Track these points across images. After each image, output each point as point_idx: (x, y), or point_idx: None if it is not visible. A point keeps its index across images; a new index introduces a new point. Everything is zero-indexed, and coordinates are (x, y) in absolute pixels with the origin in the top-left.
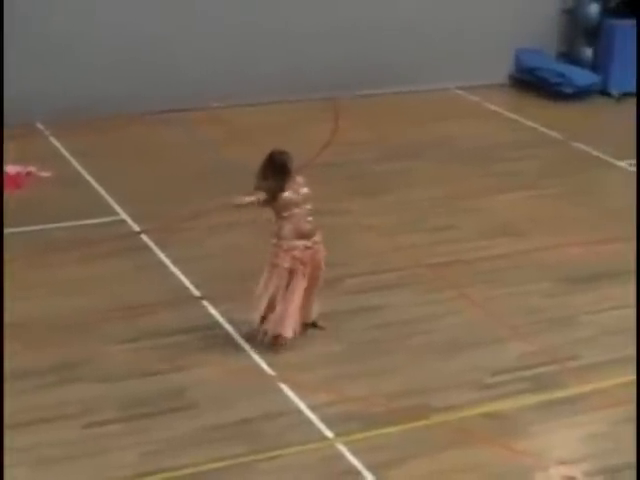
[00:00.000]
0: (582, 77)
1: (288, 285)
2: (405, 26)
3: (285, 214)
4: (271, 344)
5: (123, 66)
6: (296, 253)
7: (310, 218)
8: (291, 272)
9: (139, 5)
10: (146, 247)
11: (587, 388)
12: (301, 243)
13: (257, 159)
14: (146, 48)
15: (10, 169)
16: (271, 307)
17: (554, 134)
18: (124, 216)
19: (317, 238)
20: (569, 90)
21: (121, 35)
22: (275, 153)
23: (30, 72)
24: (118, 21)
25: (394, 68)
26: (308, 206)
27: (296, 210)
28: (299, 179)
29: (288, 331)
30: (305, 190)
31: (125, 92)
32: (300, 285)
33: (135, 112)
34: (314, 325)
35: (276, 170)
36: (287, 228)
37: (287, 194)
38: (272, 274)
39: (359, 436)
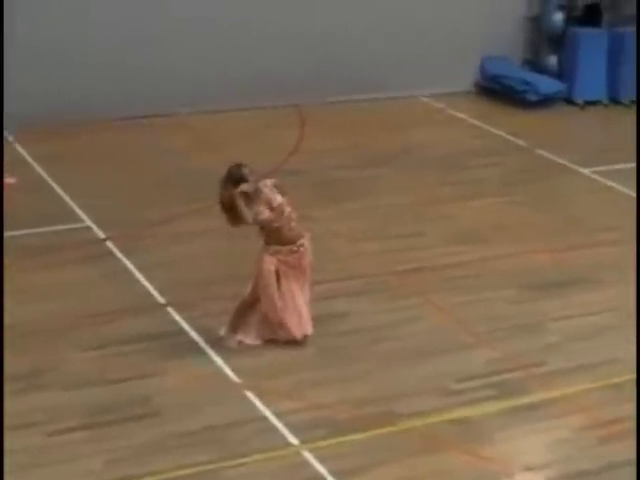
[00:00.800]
0: (547, 85)
1: (280, 288)
2: (371, 34)
3: (269, 231)
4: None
5: (89, 73)
6: (281, 257)
7: (293, 223)
8: (279, 276)
9: (107, 14)
10: (111, 254)
11: (552, 395)
12: (286, 248)
13: (224, 165)
14: (113, 56)
15: None
16: (245, 312)
17: (519, 141)
18: (89, 223)
19: (304, 241)
20: (534, 98)
21: (86, 42)
22: (232, 167)
23: None
24: (82, 29)
25: (360, 76)
26: (287, 211)
27: (276, 224)
28: (268, 183)
29: (308, 329)
30: (279, 199)
31: (91, 99)
32: (294, 286)
33: (101, 119)
34: None
35: (235, 183)
36: (271, 239)
37: (264, 217)
38: (259, 277)
39: (325, 443)
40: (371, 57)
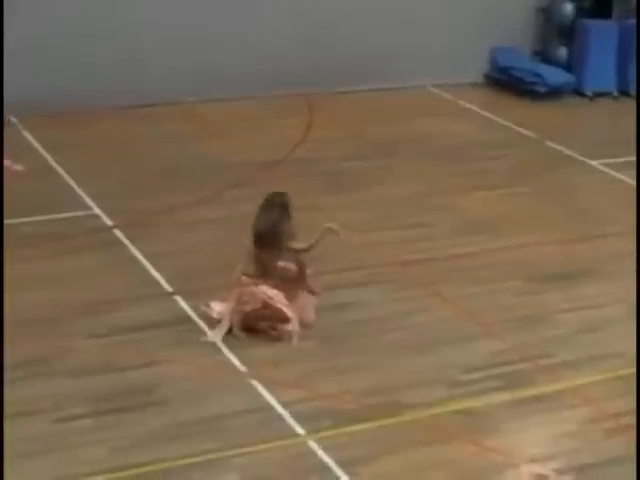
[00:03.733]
0: (556, 76)
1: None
2: (380, 24)
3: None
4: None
5: (96, 60)
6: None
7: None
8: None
9: (114, 2)
10: (118, 242)
11: (558, 386)
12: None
13: (230, 154)
14: (119, 42)
15: None
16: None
17: (528, 133)
18: (97, 210)
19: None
20: (543, 89)
21: (93, 29)
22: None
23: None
24: (89, 15)
25: (368, 65)
26: None
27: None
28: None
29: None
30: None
31: (99, 86)
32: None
33: (109, 106)
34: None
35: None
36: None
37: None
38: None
39: (330, 433)
40: (379, 47)
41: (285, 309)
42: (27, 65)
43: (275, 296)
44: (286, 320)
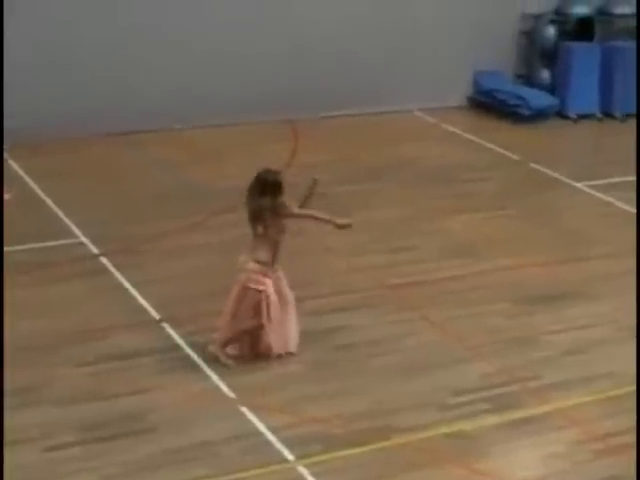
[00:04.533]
0: (540, 99)
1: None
2: (365, 49)
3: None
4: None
5: (83, 87)
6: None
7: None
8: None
9: (102, 26)
10: (105, 269)
11: (547, 408)
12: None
13: (218, 180)
14: (107, 69)
15: None
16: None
17: (512, 155)
18: (83, 239)
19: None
20: (527, 112)
21: (81, 55)
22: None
23: None
24: (79, 45)
25: (354, 90)
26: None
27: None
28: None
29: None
30: None
31: (85, 113)
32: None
33: (95, 133)
34: None
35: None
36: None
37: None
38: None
39: (320, 458)
40: (364, 72)
41: (264, 317)
42: (12, 93)
43: (271, 295)
44: (260, 328)
